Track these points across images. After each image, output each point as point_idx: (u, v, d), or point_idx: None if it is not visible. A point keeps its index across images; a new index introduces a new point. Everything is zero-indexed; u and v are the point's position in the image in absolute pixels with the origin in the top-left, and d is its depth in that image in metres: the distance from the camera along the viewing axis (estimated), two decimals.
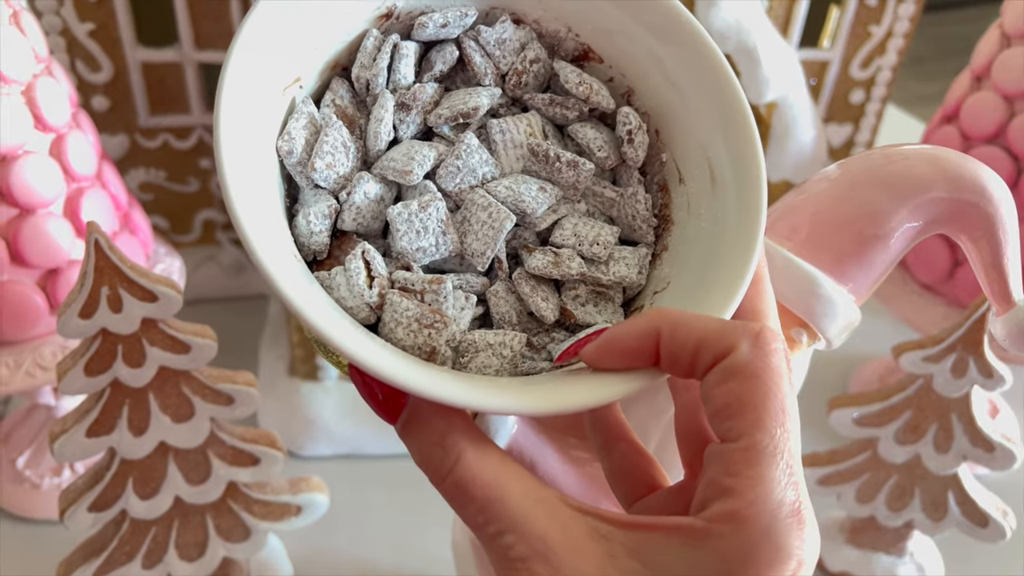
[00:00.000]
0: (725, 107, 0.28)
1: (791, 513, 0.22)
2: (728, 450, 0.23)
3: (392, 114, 0.29)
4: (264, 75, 0.26)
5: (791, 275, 0.30)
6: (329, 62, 0.29)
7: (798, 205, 0.32)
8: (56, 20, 0.59)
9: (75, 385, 0.39)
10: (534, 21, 0.31)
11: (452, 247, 0.27)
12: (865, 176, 0.31)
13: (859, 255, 0.30)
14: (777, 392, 0.23)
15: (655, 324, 0.24)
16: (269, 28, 0.26)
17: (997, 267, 0.30)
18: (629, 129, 0.30)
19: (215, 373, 0.43)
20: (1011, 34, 0.52)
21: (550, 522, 0.23)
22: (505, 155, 0.30)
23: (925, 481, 0.50)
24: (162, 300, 0.39)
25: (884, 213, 0.30)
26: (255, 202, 0.24)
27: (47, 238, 0.46)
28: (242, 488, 0.46)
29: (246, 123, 0.25)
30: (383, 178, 0.28)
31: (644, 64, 0.30)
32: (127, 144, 0.65)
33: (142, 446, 0.42)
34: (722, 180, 0.28)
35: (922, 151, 0.30)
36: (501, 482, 0.23)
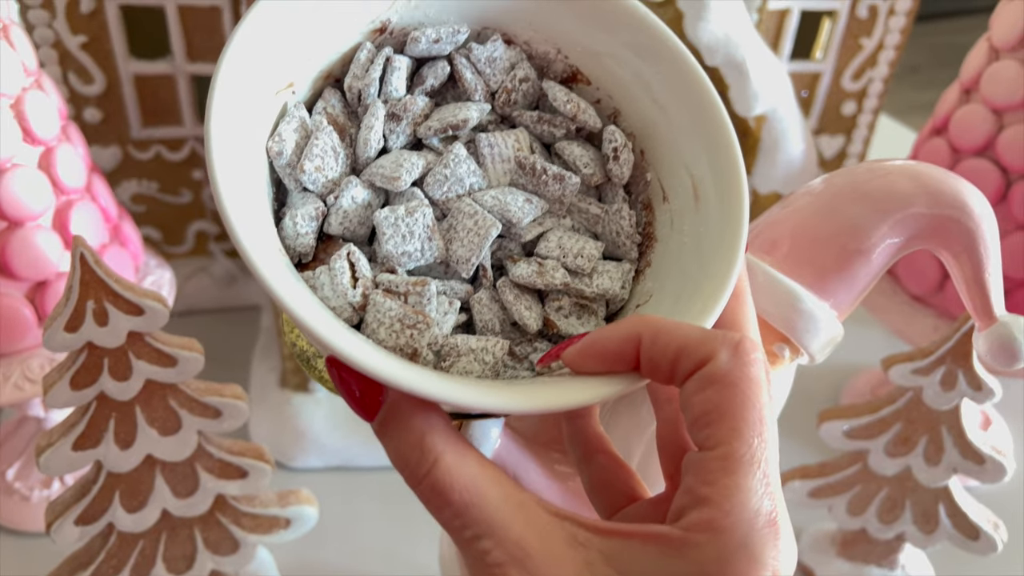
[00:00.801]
0: (708, 125, 0.29)
1: (767, 523, 0.22)
2: (705, 459, 0.23)
3: (383, 123, 0.29)
4: (257, 76, 0.27)
5: (772, 290, 0.30)
6: (323, 72, 0.30)
7: (780, 219, 0.32)
8: (48, 33, 0.59)
9: (61, 399, 0.39)
10: (524, 42, 0.31)
11: (437, 253, 0.27)
12: (848, 191, 0.31)
13: (841, 270, 0.30)
14: (755, 402, 0.23)
15: (637, 329, 0.24)
16: (264, 32, 0.27)
17: (978, 283, 0.30)
18: (615, 147, 0.30)
19: (202, 386, 0.43)
20: (1000, 47, 0.52)
21: (528, 527, 0.23)
22: (493, 168, 0.30)
23: (916, 493, 0.50)
24: (148, 314, 0.39)
25: (865, 228, 0.30)
26: (243, 196, 0.25)
27: (36, 251, 0.46)
28: (230, 501, 0.46)
29: (238, 121, 0.26)
30: (371, 184, 0.28)
31: (630, 86, 0.30)
32: (119, 156, 0.65)
33: (129, 459, 0.42)
34: (705, 197, 0.28)
35: (904, 167, 0.30)
36: (479, 486, 0.23)
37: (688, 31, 0.52)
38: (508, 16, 0.31)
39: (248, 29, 0.26)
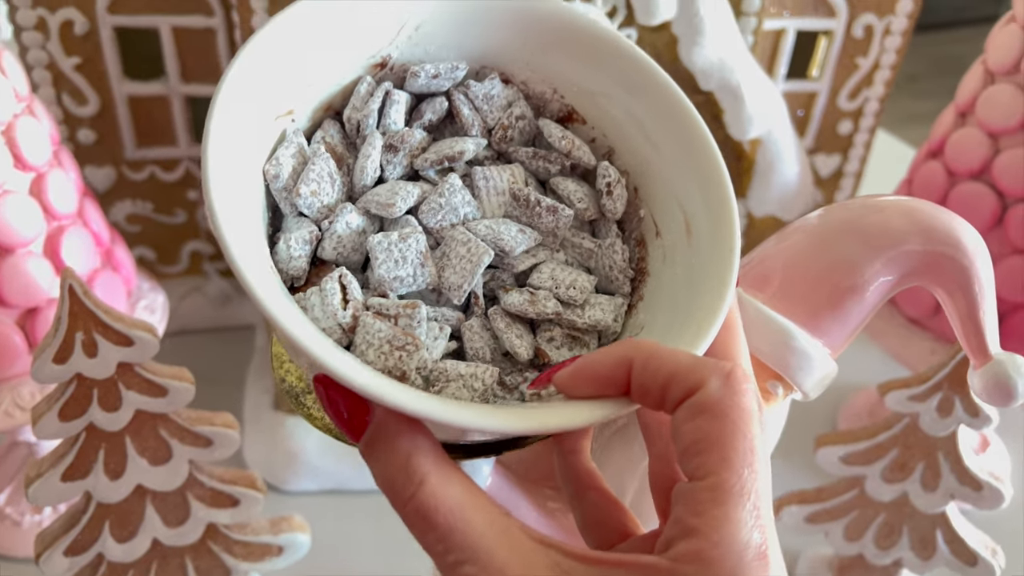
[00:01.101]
0: (698, 160, 0.29)
1: (757, 556, 0.22)
2: (695, 489, 0.23)
3: (380, 153, 0.29)
4: (257, 101, 0.27)
5: (765, 328, 0.30)
6: (323, 103, 0.30)
7: (773, 254, 0.32)
8: (42, 54, 0.59)
9: (49, 430, 0.39)
10: (522, 82, 0.32)
11: (430, 279, 0.27)
12: (841, 227, 0.30)
13: (834, 307, 0.30)
14: (746, 432, 0.23)
15: (628, 353, 0.24)
16: (266, 57, 0.27)
17: (973, 320, 0.30)
18: (608, 182, 0.30)
19: (193, 415, 0.42)
20: (995, 71, 0.52)
21: (511, 554, 0.22)
22: (488, 201, 0.30)
23: (913, 519, 0.50)
24: (138, 344, 0.39)
25: (858, 265, 0.30)
26: (238, 217, 0.25)
27: (26, 277, 0.46)
28: (222, 529, 0.46)
29: (235, 144, 0.26)
30: (366, 211, 0.29)
31: (624, 125, 0.31)
32: (114, 176, 0.65)
33: (119, 490, 0.42)
34: (697, 231, 0.28)
35: (898, 203, 0.30)
36: (464, 510, 0.23)
37: (683, 56, 0.52)
38: (506, 55, 0.31)
39: (251, 53, 0.27)
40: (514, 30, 0.31)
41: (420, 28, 0.30)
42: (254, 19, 0.52)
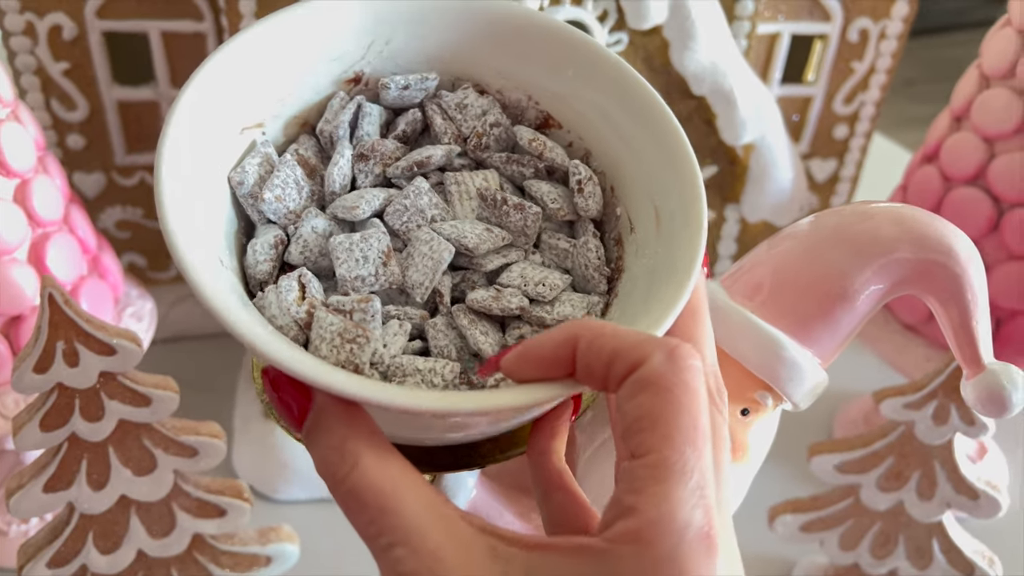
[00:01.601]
0: (665, 148, 0.29)
1: (699, 536, 0.21)
2: (635, 467, 0.22)
3: (349, 161, 0.30)
4: (221, 111, 0.27)
5: (754, 338, 0.29)
6: (296, 117, 0.30)
7: (762, 262, 0.31)
8: (31, 59, 0.58)
9: (31, 440, 0.38)
10: (497, 91, 0.32)
11: (392, 278, 0.28)
12: (832, 235, 0.30)
13: (824, 316, 0.30)
14: (690, 408, 0.22)
15: (574, 332, 0.24)
16: (234, 68, 0.27)
17: (966, 329, 0.29)
18: (579, 180, 0.30)
19: (178, 424, 0.42)
20: (990, 75, 0.51)
21: (447, 538, 0.22)
22: (460, 205, 0.30)
23: (909, 528, 0.49)
24: (121, 353, 0.38)
25: (849, 274, 0.29)
26: (189, 217, 0.25)
27: (10, 285, 0.45)
28: (208, 540, 0.45)
29: (196, 149, 0.26)
30: (334, 216, 0.29)
31: (598, 126, 0.31)
32: (103, 182, 0.64)
33: (102, 501, 0.41)
34: (665, 219, 0.28)
35: (889, 210, 0.30)
36: (398, 492, 0.22)
37: (674, 60, 0.52)
38: (478, 65, 0.31)
39: (216, 64, 0.27)
40: (481, 38, 0.31)
41: (390, 43, 0.31)
42: (242, 24, 0.52)
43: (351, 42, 0.30)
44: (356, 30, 0.30)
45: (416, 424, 0.26)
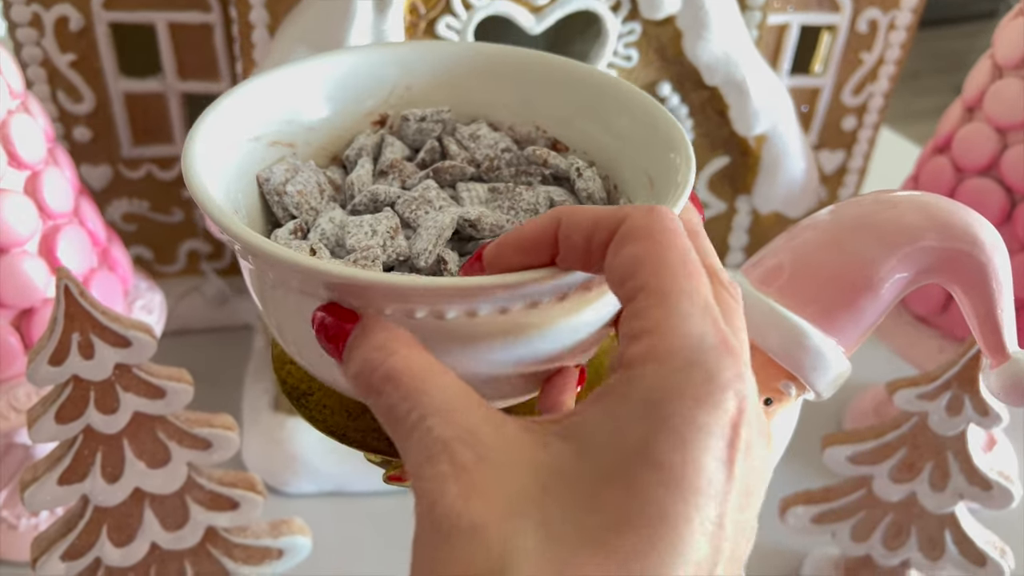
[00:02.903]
0: (651, 126, 0.31)
1: (717, 343, 0.20)
2: (632, 306, 0.21)
3: (369, 172, 0.32)
4: (254, 123, 0.31)
5: (778, 327, 0.29)
6: (324, 148, 0.34)
7: (783, 252, 0.31)
8: (37, 51, 0.58)
9: (46, 433, 0.38)
10: (509, 127, 0.35)
11: (399, 249, 0.29)
12: (855, 224, 0.30)
13: (848, 306, 0.29)
14: (677, 245, 0.21)
15: (554, 215, 0.23)
16: (267, 92, 0.31)
17: (991, 318, 0.29)
18: (578, 168, 0.32)
19: (192, 417, 0.42)
20: (1003, 65, 0.51)
21: (481, 416, 0.21)
22: (470, 203, 0.31)
23: (921, 519, 0.49)
24: (136, 345, 0.38)
25: (873, 263, 0.29)
26: (216, 189, 0.28)
27: (22, 277, 0.45)
28: (221, 532, 0.45)
29: (226, 154, 0.30)
30: (353, 210, 0.31)
31: (597, 134, 0.33)
32: (110, 175, 0.64)
33: (116, 493, 0.41)
34: (659, 180, 0.29)
35: (913, 199, 0.30)
36: (434, 374, 0.22)
37: (687, 50, 0.51)
38: (490, 105, 0.35)
39: (252, 85, 0.31)
40: (490, 79, 0.34)
41: (411, 88, 0.34)
42: (251, 14, 0.51)
43: (376, 86, 0.34)
44: (381, 75, 0.34)
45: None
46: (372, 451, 0.31)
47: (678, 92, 0.54)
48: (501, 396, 0.29)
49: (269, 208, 0.31)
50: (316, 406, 0.32)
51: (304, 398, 0.32)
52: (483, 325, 0.25)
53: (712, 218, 0.60)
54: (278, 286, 0.26)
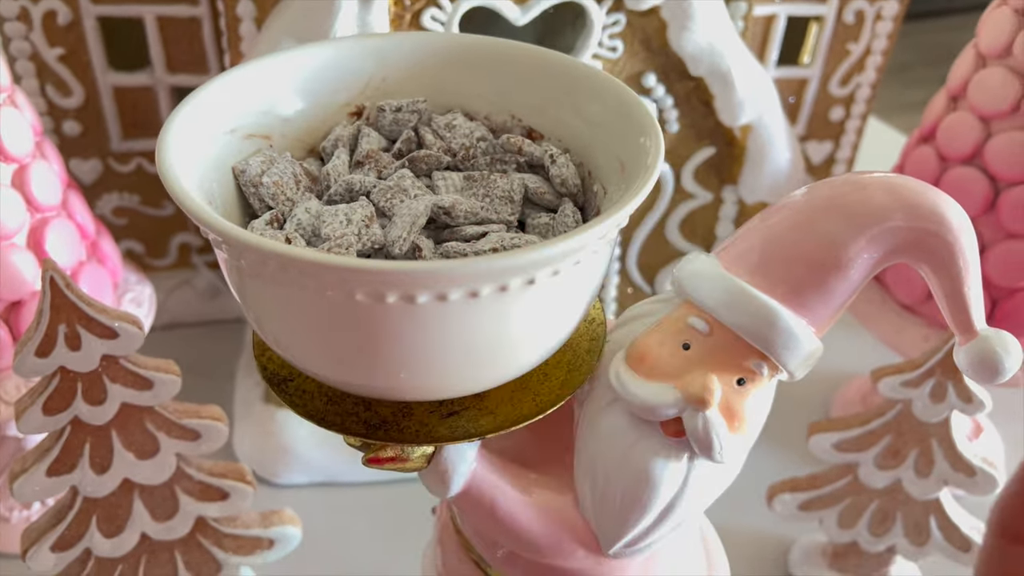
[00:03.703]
0: (622, 111, 0.31)
1: None
2: None
3: (346, 162, 0.32)
4: (229, 116, 0.31)
5: (749, 307, 0.30)
6: (301, 140, 0.34)
7: (756, 232, 0.31)
8: (25, 45, 0.58)
9: (33, 424, 0.39)
10: (485, 116, 0.35)
11: (374, 238, 0.29)
12: (825, 204, 0.30)
13: (818, 286, 0.30)
14: None
15: None
16: (243, 84, 0.32)
17: (958, 296, 0.29)
18: (551, 154, 0.32)
19: (180, 408, 0.42)
20: (987, 54, 0.51)
21: None
22: (446, 192, 0.32)
23: (907, 506, 0.50)
24: (123, 336, 0.38)
25: (842, 243, 0.29)
26: (192, 179, 0.28)
27: (10, 270, 0.45)
28: (211, 523, 0.46)
29: (202, 148, 0.30)
30: (329, 200, 0.31)
31: (570, 121, 0.33)
32: (100, 169, 0.64)
33: (105, 484, 0.41)
34: (630, 164, 0.30)
35: (883, 179, 0.30)
36: None
37: (672, 41, 0.51)
38: (465, 94, 0.35)
39: (227, 78, 0.31)
40: (465, 69, 0.35)
41: (386, 79, 0.35)
42: (239, 7, 0.52)
43: (353, 77, 0.34)
44: (357, 67, 0.34)
45: None
46: (351, 434, 0.31)
47: (663, 83, 0.54)
48: (478, 382, 0.30)
49: (246, 200, 0.32)
50: (296, 391, 0.32)
51: (284, 383, 0.32)
52: (454, 309, 0.25)
53: (698, 208, 0.61)
54: (254, 276, 0.27)
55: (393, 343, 0.27)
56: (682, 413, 0.30)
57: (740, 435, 0.31)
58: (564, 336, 0.30)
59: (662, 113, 0.55)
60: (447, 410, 0.31)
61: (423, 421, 0.31)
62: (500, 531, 0.34)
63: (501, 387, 0.31)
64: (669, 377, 0.31)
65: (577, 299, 0.29)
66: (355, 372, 0.28)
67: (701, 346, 0.31)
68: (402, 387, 0.29)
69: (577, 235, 0.25)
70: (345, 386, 0.30)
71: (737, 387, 0.31)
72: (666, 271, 0.63)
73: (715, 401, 0.30)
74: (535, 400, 0.32)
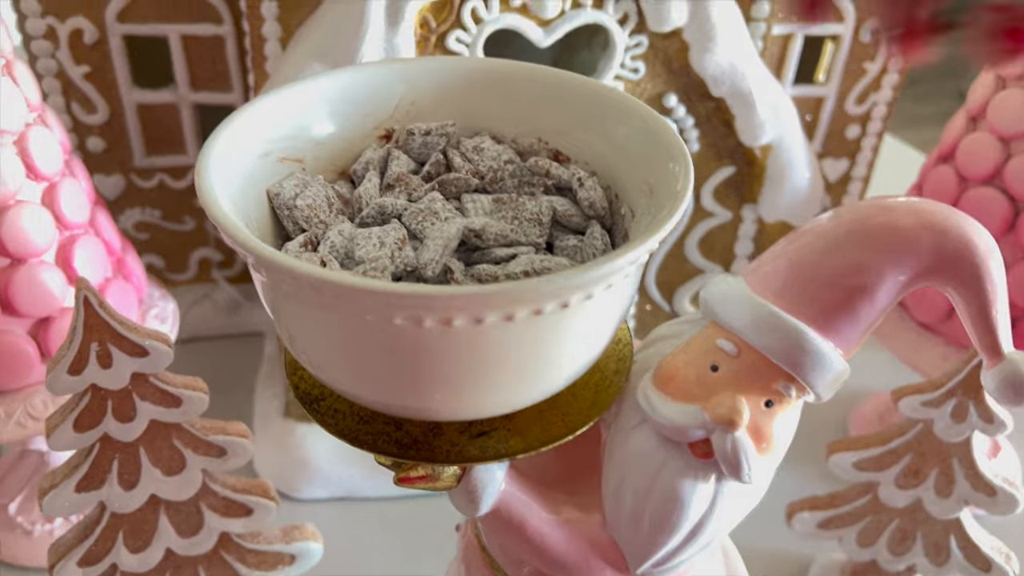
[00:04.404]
0: (649, 134, 0.31)
1: None
2: None
3: (376, 185, 0.32)
4: (263, 139, 0.32)
5: (777, 329, 0.30)
6: (333, 164, 0.34)
7: (783, 255, 0.32)
8: (51, 63, 0.59)
9: (64, 441, 0.39)
10: (511, 140, 0.35)
11: (407, 260, 0.29)
12: (852, 228, 0.31)
13: (845, 308, 0.30)
14: None
15: None
16: (276, 109, 0.32)
17: (985, 319, 0.30)
18: (579, 177, 0.33)
19: (207, 424, 0.42)
20: (1006, 75, 0.52)
21: None
22: (475, 215, 0.32)
23: (927, 525, 0.50)
24: (153, 355, 0.39)
25: (869, 266, 0.30)
26: (228, 200, 0.28)
27: (39, 287, 0.46)
28: (234, 538, 0.46)
29: (237, 170, 0.30)
30: (362, 222, 0.31)
31: (597, 144, 0.34)
32: (122, 184, 0.65)
33: (132, 500, 0.42)
34: (659, 187, 0.30)
35: (908, 204, 0.30)
36: None
37: (694, 62, 0.52)
38: (494, 118, 0.35)
39: (261, 103, 0.32)
40: (493, 93, 0.35)
41: (415, 103, 0.35)
42: (264, 27, 0.52)
43: (382, 101, 0.35)
44: (387, 91, 0.34)
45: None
46: (382, 454, 0.31)
47: (684, 103, 0.54)
48: (510, 403, 0.30)
49: (279, 222, 0.32)
50: (328, 411, 0.32)
51: (316, 403, 0.33)
52: (489, 332, 0.26)
53: (718, 227, 0.61)
54: (290, 297, 0.27)
55: (428, 365, 0.27)
56: (711, 434, 0.31)
57: (768, 456, 0.31)
58: (594, 357, 0.30)
59: (683, 133, 0.56)
60: (477, 430, 0.31)
61: (453, 441, 0.31)
62: (528, 550, 0.34)
63: (530, 408, 0.32)
64: (697, 398, 0.31)
65: (608, 321, 0.29)
66: (389, 393, 0.29)
67: (729, 368, 0.31)
68: (435, 408, 0.29)
69: (611, 260, 0.25)
70: (377, 406, 0.31)
71: (765, 408, 0.31)
72: (684, 289, 0.63)
73: (744, 422, 0.30)
74: (564, 420, 0.32)
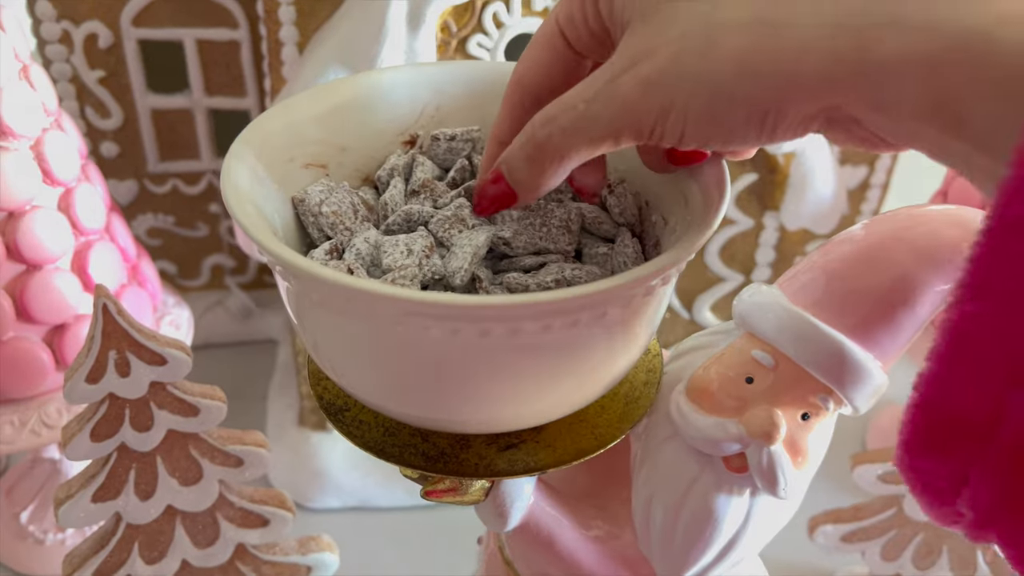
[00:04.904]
0: None
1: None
2: None
3: (402, 192, 0.32)
4: (288, 145, 0.31)
5: (817, 341, 0.29)
6: (358, 169, 0.34)
7: (820, 267, 0.31)
8: (66, 68, 0.59)
9: (81, 450, 0.38)
10: None
11: (435, 268, 0.29)
12: (890, 240, 0.30)
13: (886, 321, 0.29)
14: None
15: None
16: (300, 112, 0.32)
17: None
18: (609, 184, 0.32)
19: (224, 434, 0.42)
20: None
21: None
22: (503, 223, 0.31)
23: (953, 539, 0.49)
24: (171, 363, 0.38)
25: (911, 277, 0.29)
26: (253, 210, 0.28)
27: (55, 294, 0.45)
28: (251, 550, 0.45)
29: (262, 176, 0.30)
30: (387, 229, 0.31)
31: (626, 150, 0.32)
32: (136, 190, 0.64)
33: (149, 510, 0.41)
34: (691, 196, 0.30)
35: (947, 213, 0.30)
36: None
37: None
38: None
39: (284, 105, 0.31)
40: None
41: (440, 109, 0.35)
42: (281, 31, 0.52)
43: (407, 106, 0.34)
44: (411, 96, 0.34)
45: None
46: (409, 466, 0.31)
47: None
48: (541, 414, 0.29)
49: (303, 228, 0.32)
50: (353, 422, 0.32)
51: (340, 414, 0.32)
52: (524, 342, 0.25)
53: (739, 234, 0.60)
54: (319, 305, 0.26)
55: (460, 375, 0.26)
56: (746, 448, 0.30)
57: (803, 470, 0.31)
58: (626, 368, 0.30)
59: None
60: (505, 443, 0.31)
61: (481, 454, 0.30)
62: (557, 565, 0.33)
63: (559, 420, 0.31)
64: (732, 411, 0.30)
65: (644, 328, 0.28)
66: (418, 403, 0.28)
67: (765, 380, 0.30)
68: (464, 419, 0.29)
69: (656, 266, 0.25)
70: (405, 417, 0.30)
71: (801, 422, 0.30)
72: (704, 296, 0.62)
73: (781, 436, 0.29)
74: (594, 433, 0.31)
